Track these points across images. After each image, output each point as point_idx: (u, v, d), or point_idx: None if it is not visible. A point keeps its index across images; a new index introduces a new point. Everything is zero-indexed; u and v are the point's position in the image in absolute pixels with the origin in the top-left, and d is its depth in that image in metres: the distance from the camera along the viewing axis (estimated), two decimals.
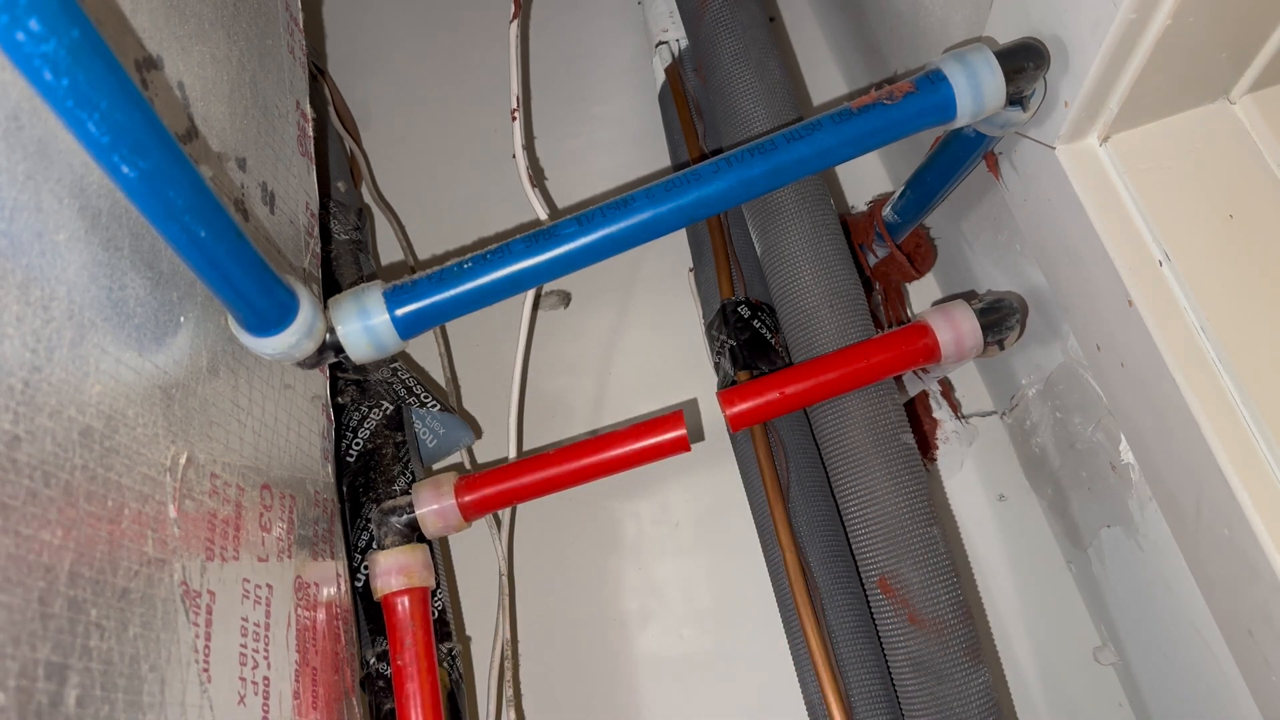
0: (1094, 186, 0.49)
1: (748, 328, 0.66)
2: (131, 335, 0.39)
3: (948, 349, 0.57)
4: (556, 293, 0.88)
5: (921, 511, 0.54)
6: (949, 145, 0.59)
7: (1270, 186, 0.48)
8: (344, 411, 0.67)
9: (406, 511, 0.56)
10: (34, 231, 0.34)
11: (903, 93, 0.48)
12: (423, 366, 0.86)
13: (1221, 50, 0.46)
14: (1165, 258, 0.47)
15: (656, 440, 0.56)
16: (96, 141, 0.30)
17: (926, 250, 0.76)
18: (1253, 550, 0.43)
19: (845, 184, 0.88)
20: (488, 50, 0.98)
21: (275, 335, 0.44)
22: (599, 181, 0.91)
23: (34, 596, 0.30)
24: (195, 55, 0.50)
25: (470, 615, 0.78)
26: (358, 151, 0.90)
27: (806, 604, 0.57)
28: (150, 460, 0.39)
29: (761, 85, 0.64)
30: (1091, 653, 0.70)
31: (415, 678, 0.53)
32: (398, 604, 0.54)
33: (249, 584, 0.45)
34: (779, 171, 0.49)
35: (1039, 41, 0.48)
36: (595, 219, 0.48)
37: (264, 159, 0.58)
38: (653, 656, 0.75)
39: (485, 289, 0.48)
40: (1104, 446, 0.60)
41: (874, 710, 0.55)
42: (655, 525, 0.79)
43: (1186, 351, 0.46)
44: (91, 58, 0.28)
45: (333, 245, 0.74)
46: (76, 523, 0.33)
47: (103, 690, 0.33)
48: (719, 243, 0.71)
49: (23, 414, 0.31)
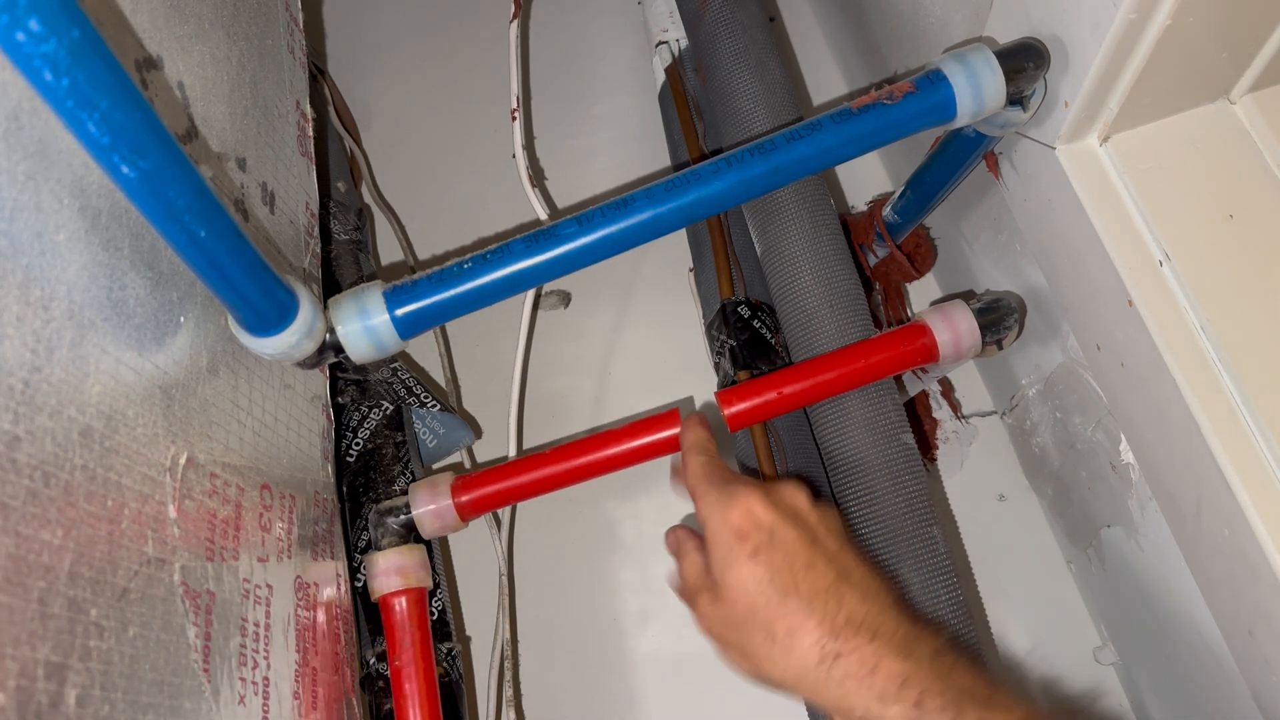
0: (1094, 186, 0.49)
1: (748, 328, 0.66)
2: (131, 335, 0.39)
3: (946, 349, 0.57)
4: (556, 293, 0.88)
5: (921, 512, 0.54)
6: (949, 145, 0.59)
7: (1270, 186, 0.48)
8: (344, 411, 0.67)
9: (403, 512, 0.56)
10: (34, 231, 0.34)
11: (903, 93, 0.48)
12: (423, 366, 0.86)
13: (1221, 50, 0.46)
14: (1165, 258, 0.47)
15: (652, 438, 0.56)
16: (96, 142, 0.30)
17: (926, 250, 0.76)
18: (1253, 550, 0.43)
19: (845, 184, 0.88)
20: (488, 50, 0.98)
21: (275, 335, 0.44)
22: (599, 181, 0.91)
23: (34, 596, 0.30)
24: (195, 55, 0.50)
25: (470, 615, 0.78)
26: (358, 151, 0.90)
27: None
28: (150, 460, 0.39)
29: (761, 85, 0.64)
30: (1091, 653, 0.70)
31: (413, 678, 0.53)
32: (395, 604, 0.54)
33: (249, 584, 0.45)
34: (779, 171, 0.49)
35: (1039, 41, 0.48)
36: (595, 219, 0.48)
37: (264, 159, 0.58)
38: (653, 656, 0.75)
39: (485, 289, 0.48)
40: (1104, 446, 0.60)
41: None
42: (655, 525, 0.79)
43: (1186, 351, 0.46)
44: (91, 58, 0.28)
45: (333, 245, 0.74)
46: (76, 523, 0.33)
47: (102, 690, 0.33)
48: (719, 243, 0.71)
49: (23, 414, 0.31)
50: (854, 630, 0.40)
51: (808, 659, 0.40)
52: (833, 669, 0.39)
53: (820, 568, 0.42)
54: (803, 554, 0.42)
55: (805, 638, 0.40)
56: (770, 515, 0.43)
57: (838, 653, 0.39)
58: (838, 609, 0.40)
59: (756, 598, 0.41)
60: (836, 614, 0.40)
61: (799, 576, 0.41)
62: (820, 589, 0.41)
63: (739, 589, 0.42)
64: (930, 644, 0.40)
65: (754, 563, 0.42)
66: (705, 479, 0.46)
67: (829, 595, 0.41)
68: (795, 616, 0.40)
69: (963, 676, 0.39)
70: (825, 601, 0.40)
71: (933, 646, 0.40)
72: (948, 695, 0.38)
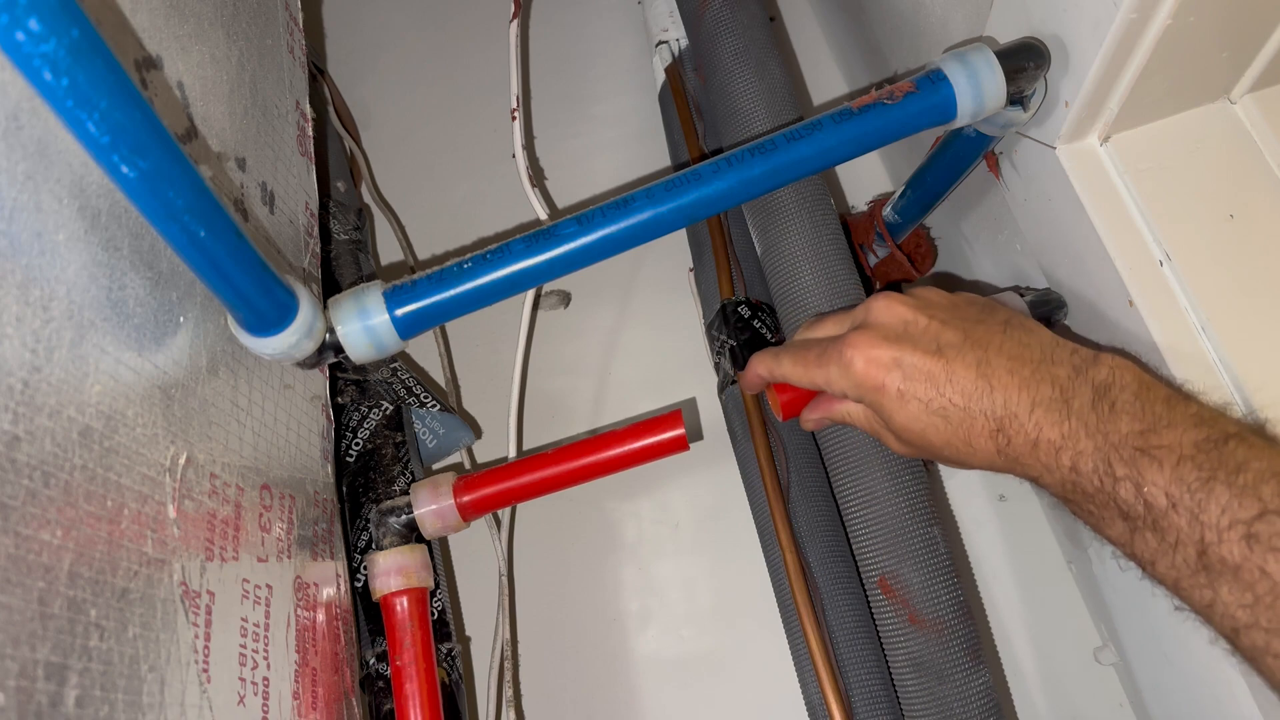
0: (1094, 186, 0.49)
1: (748, 328, 0.66)
2: (131, 335, 0.39)
3: None
4: (556, 293, 0.87)
5: (922, 512, 0.54)
6: (949, 145, 0.59)
7: (1271, 186, 0.48)
8: (344, 411, 0.67)
9: (405, 512, 0.56)
10: (33, 231, 0.34)
11: (903, 92, 0.48)
12: (423, 366, 0.86)
13: (1222, 50, 0.46)
14: (1166, 258, 0.47)
15: (655, 440, 0.56)
16: (96, 141, 0.30)
17: (927, 250, 0.76)
18: None
19: (845, 184, 0.88)
20: (487, 50, 0.98)
21: (275, 335, 0.44)
22: (599, 181, 0.91)
23: (34, 597, 0.30)
24: (195, 55, 0.50)
25: (470, 615, 0.78)
26: (358, 151, 0.90)
27: (806, 604, 0.57)
28: (150, 460, 0.39)
29: (761, 85, 0.64)
30: (1092, 653, 0.70)
31: (414, 678, 0.53)
32: (396, 604, 0.54)
33: (248, 584, 0.45)
34: (779, 171, 0.49)
35: (1039, 41, 0.48)
36: (595, 219, 0.48)
37: (264, 159, 0.58)
38: (653, 656, 0.75)
39: (485, 289, 0.48)
40: None
41: (874, 710, 0.55)
42: (655, 525, 0.79)
43: (1187, 351, 0.46)
44: (91, 57, 0.28)
45: (332, 245, 0.74)
46: (76, 523, 0.33)
47: (102, 690, 0.32)
48: (719, 243, 0.71)
49: (22, 414, 0.31)
50: (1011, 414, 0.40)
51: (990, 458, 0.42)
52: (1008, 454, 0.41)
53: (960, 369, 0.42)
54: (938, 367, 0.42)
55: (978, 442, 0.42)
56: (887, 351, 0.44)
57: (1007, 439, 0.41)
58: (989, 397, 0.41)
59: (929, 434, 0.43)
60: (991, 404, 0.41)
61: (946, 391, 0.42)
62: (970, 390, 0.41)
63: (911, 431, 0.44)
64: (1086, 390, 0.39)
65: (904, 404, 0.43)
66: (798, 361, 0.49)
67: (979, 393, 0.41)
68: (960, 430, 0.42)
69: (1119, 420, 0.38)
70: (980, 399, 0.41)
71: (1090, 389, 0.39)
72: (1100, 453, 0.38)
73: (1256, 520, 0.32)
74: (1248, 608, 0.32)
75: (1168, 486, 0.35)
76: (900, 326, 0.44)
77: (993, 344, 0.42)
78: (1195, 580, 0.34)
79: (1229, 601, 0.33)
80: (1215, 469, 0.34)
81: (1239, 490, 0.33)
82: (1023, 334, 0.42)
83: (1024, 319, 0.44)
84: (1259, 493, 0.33)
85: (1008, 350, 0.42)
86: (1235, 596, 0.33)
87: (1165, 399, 0.38)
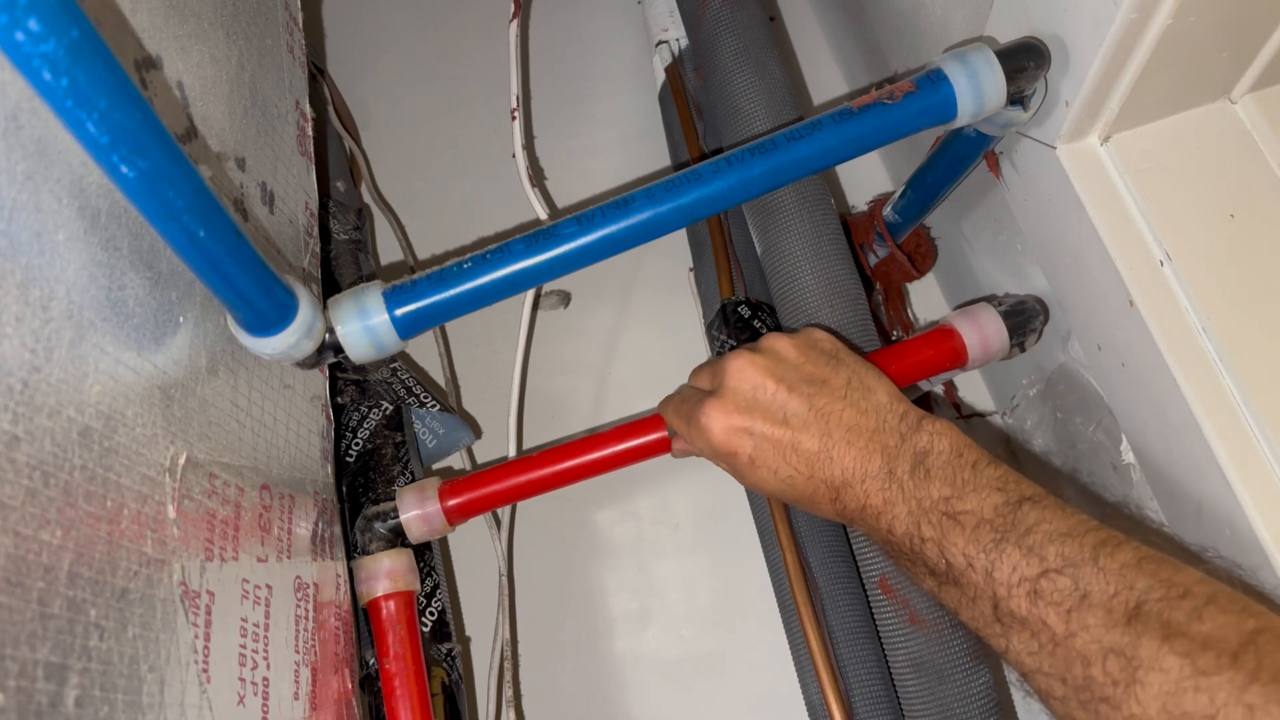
0: (1095, 186, 0.49)
1: (748, 328, 0.66)
2: (131, 335, 0.39)
3: (974, 351, 0.56)
4: (556, 293, 0.87)
5: None
6: (949, 145, 0.59)
7: (1271, 186, 0.48)
8: (344, 411, 0.67)
9: (391, 516, 0.55)
10: (33, 231, 0.34)
11: (903, 92, 0.48)
12: (423, 366, 0.86)
13: (1222, 50, 0.46)
14: (1166, 258, 0.47)
15: (641, 441, 0.56)
16: (96, 141, 0.30)
17: (927, 250, 0.76)
18: (1253, 551, 0.43)
19: (845, 184, 0.88)
20: (487, 50, 0.98)
21: (274, 335, 0.44)
22: (599, 181, 0.91)
23: (33, 597, 0.30)
24: (194, 55, 0.50)
25: (470, 615, 0.78)
26: (358, 151, 0.90)
27: (806, 604, 0.57)
28: (149, 460, 0.39)
29: (761, 85, 0.64)
30: None
31: (404, 682, 0.53)
32: (384, 608, 0.54)
33: (248, 584, 0.45)
34: (779, 171, 0.49)
35: (1039, 41, 0.48)
36: (595, 219, 0.48)
37: (263, 159, 0.58)
38: (653, 656, 0.75)
39: (485, 289, 0.48)
40: (1105, 447, 0.60)
41: (874, 710, 0.54)
42: (655, 525, 0.79)
43: (1187, 352, 0.46)
44: (91, 57, 0.28)
45: (332, 245, 0.73)
46: (76, 523, 0.33)
47: (102, 691, 0.32)
48: (719, 243, 0.71)
49: (22, 414, 0.31)
50: (846, 483, 0.43)
51: (832, 515, 0.45)
52: (844, 515, 0.44)
53: (805, 440, 0.44)
54: (786, 437, 0.45)
55: (821, 504, 0.45)
56: (739, 419, 0.46)
57: (844, 505, 0.44)
58: (829, 468, 0.44)
59: (779, 495, 0.46)
60: (829, 474, 0.44)
61: (792, 460, 0.44)
62: (813, 461, 0.44)
63: (763, 491, 0.47)
64: (909, 456, 0.42)
65: (755, 470, 0.46)
66: (677, 415, 0.51)
67: (820, 464, 0.44)
68: (804, 494, 0.45)
69: (931, 486, 0.41)
70: (821, 468, 0.44)
71: (912, 456, 0.42)
72: (912, 517, 0.41)
73: (1040, 578, 0.36)
74: (1034, 655, 0.36)
75: (965, 548, 0.38)
76: (751, 393, 0.46)
77: (833, 415, 0.44)
78: (992, 629, 0.38)
79: (1019, 649, 0.36)
80: (1007, 531, 0.38)
81: (1026, 551, 0.37)
82: (861, 397, 0.45)
83: (864, 374, 0.46)
84: (1044, 553, 0.36)
85: (846, 420, 0.44)
86: (1023, 645, 0.36)
87: (973, 464, 0.41)
